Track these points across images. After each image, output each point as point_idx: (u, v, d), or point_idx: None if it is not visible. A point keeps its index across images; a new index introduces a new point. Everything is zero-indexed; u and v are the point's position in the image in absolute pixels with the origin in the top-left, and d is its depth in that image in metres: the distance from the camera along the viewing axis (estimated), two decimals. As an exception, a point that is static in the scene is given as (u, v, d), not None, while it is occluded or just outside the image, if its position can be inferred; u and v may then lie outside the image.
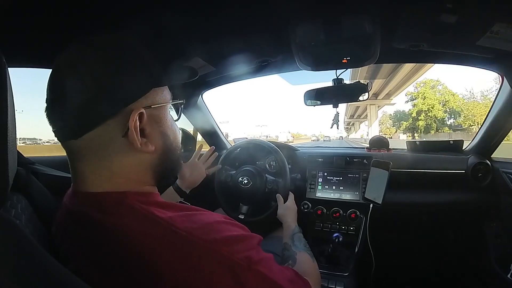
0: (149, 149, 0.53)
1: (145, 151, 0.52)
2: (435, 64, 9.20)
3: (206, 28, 0.99)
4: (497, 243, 1.51)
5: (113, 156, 0.51)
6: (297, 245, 0.97)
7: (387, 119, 63.32)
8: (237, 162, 1.64)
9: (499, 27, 0.90)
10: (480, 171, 1.48)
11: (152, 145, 0.53)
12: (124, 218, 0.47)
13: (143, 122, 0.51)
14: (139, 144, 0.50)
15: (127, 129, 0.49)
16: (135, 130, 0.49)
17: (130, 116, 0.49)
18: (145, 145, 0.52)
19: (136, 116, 0.49)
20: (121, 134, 0.49)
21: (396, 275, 1.76)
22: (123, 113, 0.49)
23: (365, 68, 27.21)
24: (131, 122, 0.49)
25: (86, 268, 0.47)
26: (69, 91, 0.47)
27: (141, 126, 0.51)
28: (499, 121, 1.40)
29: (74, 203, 0.53)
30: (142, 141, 0.51)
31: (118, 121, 0.49)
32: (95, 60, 0.49)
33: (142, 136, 0.52)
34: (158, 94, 0.56)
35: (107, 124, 0.49)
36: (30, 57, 0.96)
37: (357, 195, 1.53)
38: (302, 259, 0.89)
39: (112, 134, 0.49)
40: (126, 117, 0.49)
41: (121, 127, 0.49)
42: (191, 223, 0.49)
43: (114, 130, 0.49)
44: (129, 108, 0.50)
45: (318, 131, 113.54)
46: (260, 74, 1.51)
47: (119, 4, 0.77)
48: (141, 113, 0.50)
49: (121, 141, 0.50)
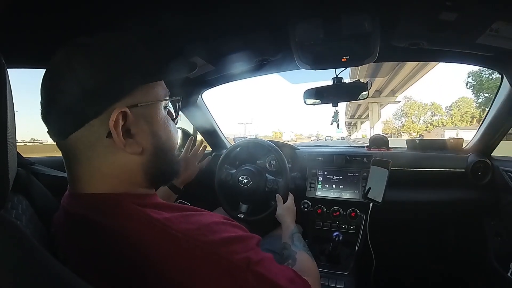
0: (135, 150, 0.52)
1: (131, 152, 0.51)
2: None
3: (205, 27, 0.99)
4: (497, 241, 1.51)
5: (102, 157, 0.50)
6: (297, 245, 0.97)
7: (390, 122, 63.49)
8: (237, 161, 1.64)
9: (498, 25, 0.90)
10: (480, 169, 1.49)
11: (139, 145, 0.52)
12: (121, 220, 0.47)
13: (129, 121, 0.50)
14: (121, 145, 0.49)
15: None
16: (116, 130, 0.48)
17: (111, 116, 0.48)
18: (130, 146, 0.51)
19: (117, 116, 0.48)
20: (105, 135, 0.49)
21: (396, 273, 1.77)
22: (107, 113, 0.48)
23: (365, 67, 27.06)
24: (110, 122, 0.48)
25: (84, 270, 0.46)
26: (56, 92, 0.48)
27: (127, 126, 0.50)
28: (499, 119, 1.40)
29: (71, 204, 0.52)
30: (127, 141, 0.50)
31: (102, 121, 0.48)
32: (79, 61, 0.48)
33: (128, 136, 0.51)
34: (148, 92, 0.54)
35: (91, 124, 0.48)
36: (29, 58, 0.96)
37: (357, 194, 1.53)
38: (301, 258, 0.89)
39: (97, 135, 0.49)
40: (109, 117, 0.48)
41: (105, 127, 0.48)
42: (188, 224, 0.48)
43: (98, 130, 0.49)
44: (113, 108, 0.49)
45: (315, 130, 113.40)
46: (259, 73, 1.51)
47: (118, 4, 0.77)
48: (124, 112, 0.49)
49: (106, 141, 0.49)
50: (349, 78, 14.73)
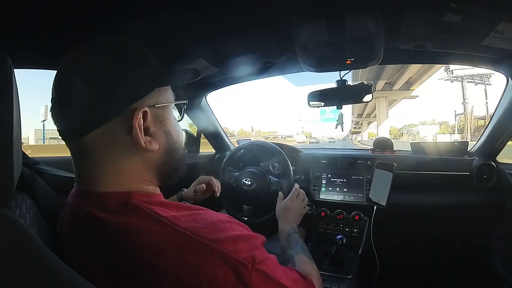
0: (153, 148, 0.53)
1: (150, 150, 0.53)
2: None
3: (209, 29, 0.99)
4: (502, 246, 1.49)
5: (118, 154, 0.52)
6: (294, 247, 0.95)
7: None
8: (241, 163, 1.64)
9: (504, 26, 0.90)
10: (485, 173, 1.47)
11: (156, 143, 0.54)
12: (129, 218, 0.47)
13: (147, 120, 0.52)
14: (143, 143, 0.51)
15: (131, 127, 0.50)
16: (139, 128, 0.50)
17: (134, 115, 0.50)
18: (150, 144, 0.53)
19: (140, 115, 0.50)
20: (125, 133, 0.50)
21: (400, 277, 1.75)
22: (128, 112, 0.50)
23: (367, 69, 26.49)
24: (135, 120, 0.50)
25: (90, 267, 0.47)
26: (75, 91, 0.48)
27: (145, 125, 0.52)
28: (504, 122, 1.38)
29: (79, 202, 0.53)
30: (146, 139, 0.52)
31: (122, 119, 0.50)
32: (101, 61, 0.50)
33: (146, 134, 0.52)
34: (161, 94, 0.57)
35: (112, 122, 0.50)
36: (35, 59, 0.97)
37: (361, 197, 1.53)
38: (300, 261, 0.87)
39: (116, 133, 0.50)
40: (130, 116, 0.50)
41: (125, 126, 0.50)
42: (195, 222, 0.49)
43: (118, 128, 0.50)
44: (133, 107, 0.51)
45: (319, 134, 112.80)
46: (263, 75, 1.51)
47: (123, 6, 0.77)
48: (145, 112, 0.51)
49: (125, 139, 0.51)
50: (351, 80, 14.72)
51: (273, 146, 1.51)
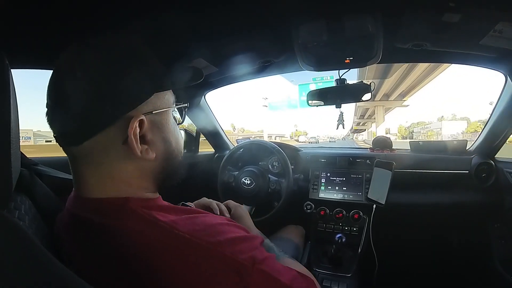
0: (150, 157, 0.52)
1: (146, 159, 0.51)
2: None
3: (208, 28, 0.99)
4: (501, 245, 1.50)
5: (114, 162, 0.50)
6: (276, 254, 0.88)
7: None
8: (240, 163, 1.64)
9: (502, 25, 0.90)
10: (484, 171, 1.47)
11: (153, 151, 0.53)
12: (127, 222, 0.47)
13: (144, 128, 0.51)
14: (139, 152, 0.49)
15: (127, 136, 0.48)
16: (134, 137, 0.48)
17: (130, 124, 0.48)
18: (146, 152, 0.51)
19: (136, 124, 0.48)
20: (121, 141, 0.49)
21: (399, 275, 1.75)
22: (124, 120, 0.48)
23: (373, 69, 26.73)
24: (130, 130, 0.48)
25: (88, 271, 0.46)
26: (68, 96, 0.46)
27: (142, 133, 0.50)
28: (503, 120, 1.39)
29: (77, 207, 0.52)
30: (143, 148, 0.50)
31: (118, 127, 0.48)
32: (94, 64, 0.48)
33: (143, 142, 0.51)
34: (160, 99, 0.55)
35: (107, 131, 0.48)
36: (32, 58, 0.96)
37: (360, 195, 1.53)
38: (288, 263, 0.81)
39: (112, 141, 0.49)
40: (126, 124, 0.48)
41: (121, 134, 0.48)
42: (194, 225, 0.49)
43: (114, 137, 0.49)
44: (129, 115, 0.49)
45: (315, 133, 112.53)
46: (262, 75, 1.51)
47: (121, 5, 0.77)
48: (141, 120, 0.49)
49: (121, 148, 0.49)
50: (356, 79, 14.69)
51: (273, 145, 1.51)
